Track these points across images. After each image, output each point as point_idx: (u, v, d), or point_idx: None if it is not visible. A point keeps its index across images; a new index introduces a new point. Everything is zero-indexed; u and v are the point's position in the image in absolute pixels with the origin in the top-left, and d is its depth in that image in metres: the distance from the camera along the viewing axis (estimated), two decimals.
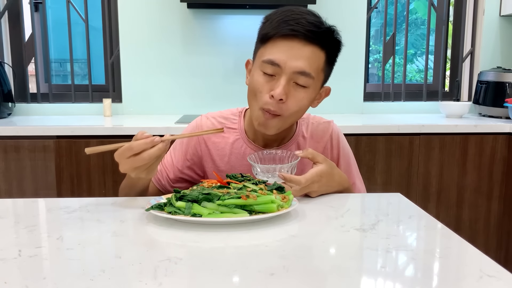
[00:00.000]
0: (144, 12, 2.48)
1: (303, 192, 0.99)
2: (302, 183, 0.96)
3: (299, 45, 0.96)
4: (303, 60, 0.96)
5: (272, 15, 1.00)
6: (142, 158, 0.89)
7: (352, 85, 2.60)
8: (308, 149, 1.02)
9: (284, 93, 0.97)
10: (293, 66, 0.96)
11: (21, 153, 1.99)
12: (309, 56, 0.97)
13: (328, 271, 0.66)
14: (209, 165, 1.15)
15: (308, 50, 0.97)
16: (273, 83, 0.98)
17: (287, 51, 0.96)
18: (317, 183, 0.99)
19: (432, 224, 0.87)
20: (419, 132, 2.11)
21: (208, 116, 1.18)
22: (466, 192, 2.16)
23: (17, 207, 0.99)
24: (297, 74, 0.97)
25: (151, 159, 0.89)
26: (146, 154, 0.88)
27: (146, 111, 2.54)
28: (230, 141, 1.14)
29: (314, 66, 0.98)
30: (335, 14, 2.53)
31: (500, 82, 2.39)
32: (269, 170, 0.98)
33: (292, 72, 0.97)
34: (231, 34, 2.53)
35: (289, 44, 0.96)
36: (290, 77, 0.97)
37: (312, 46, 0.97)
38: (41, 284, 0.61)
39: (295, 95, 0.99)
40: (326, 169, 1.01)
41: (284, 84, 0.97)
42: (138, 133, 0.92)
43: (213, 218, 0.82)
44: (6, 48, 2.54)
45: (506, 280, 0.62)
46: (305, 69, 0.96)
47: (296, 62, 0.96)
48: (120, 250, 0.74)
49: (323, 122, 1.20)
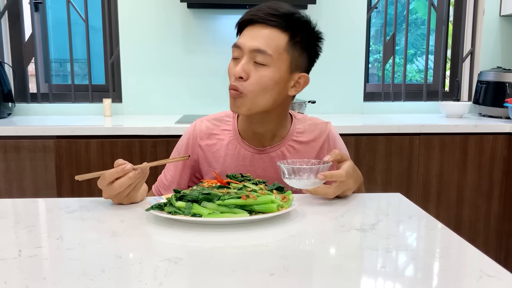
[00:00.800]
0: (144, 12, 2.47)
1: (341, 190, 0.99)
2: (343, 176, 0.97)
3: (259, 28, 1.03)
4: (260, 39, 1.02)
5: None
6: (114, 187, 0.93)
7: (352, 85, 2.60)
8: (335, 151, 1.03)
9: (242, 70, 1.02)
10: (250, 45, 1.02)
11: (21, 153, 1.99)
12: (267, 36, 1.02)
13: (328, 271, 0.66)
14: (205, 168, 1.17)
15: (266, 32, 1.02)
16: (237, 64, 1.04)
17: (247, 35, 1.04)
18: (352, 178, 1.01)
19: (432, 224, 0.87)
20: (419, 132, 2.11)
21: (202, 120, 1.20)
22: (466, 192, 2.16)
23: (17, 207, 0.99)
24: (254, 52, 1.02)
25: (121, 187, 0.93)
26: (117, 184, 0.93)
27: (146, 111, 2.54)
28: (225, 142, 1.15)
29: (273, 45, 1.02)
30: (335, 14, 2.53)
31: (500, 82, 2.39)
32: (299, 170, 0.97)
33: (249, 51, 1.02)
34: (231, 34, 2.50)
35: (251, 29, 1.04)
36: (249, 56, 1.03)
37: (271, 28, 1.02)
38: (41, 284, 0.61)
39: (255, 73, 1.03)
40: (352, 164, 1.03)
41: (243, 63, 1.03)
42: (115, 161, 0.95)
43: (213, 218, 0.82)
44: (6, 48, 2.54)
45: (506, 280, 0.62)
46: (260, 47, 1.01)
47: (253, 41, 1.02)
48: (120, 250, 0.74)
49: (320, 122, 1.20)
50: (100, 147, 2.00)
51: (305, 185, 0.96)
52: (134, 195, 0.97)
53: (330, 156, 1.00)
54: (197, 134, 1.17)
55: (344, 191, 1.00)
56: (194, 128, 1.19)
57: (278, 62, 1.03)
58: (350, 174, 0.99)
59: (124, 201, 0.96)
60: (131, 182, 0.92)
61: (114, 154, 1.99)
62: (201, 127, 1.18)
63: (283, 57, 1.03)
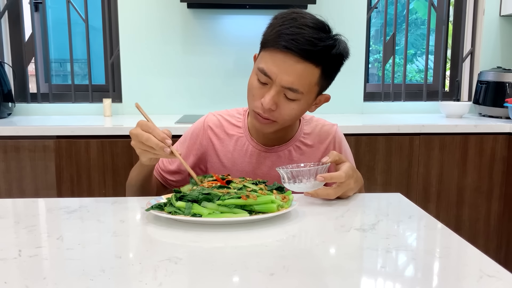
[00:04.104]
0: (144, 12, 2.47)
1: (342, 191, 0.99)
2: (343, 178, 0.97)
3: (292, 61, 0.96)
4: (294, 76, 0.97)
5: (275, 22, 1.00)
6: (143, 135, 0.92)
7: (352, 85, 2.60)
8: (333, 152, 1.03)
9: (272, 103, 0.99)
10: (283, 81, 0.98)
11: (21, 153, 1.99)
12: (301, 73, 0.97)
13: (328, 271, 0.66)
14: (213, 159, 1.18)
15: (301, 67, 0.97)
16: (265, 90, 1.01)
17: (279, 65, 0.97)
18: (352, 178, 1.00)
19: (432, 224, 0.87)
20: (419, 132, 2.11)
21: (215, 114, 1.22)
22: (466, 192, 2.16)
23: (17, 207, 0.99)
24: (286, 89, 0.99)
25: (147, 141, 0.92)
26: (147, 135, 0.92)
27: (146, 111, 2.51)
28: (234, 138, 1.17)
29: (305, 82, 0.99)
30: (335, 14, 2.53)
31: (500, 82, 2.39)
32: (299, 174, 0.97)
33: (281, 86, 0.98)
34: (231, 34, 2.53)
35: (283, 58, 0.97)
36: (279, 90, 0.99)
37: (306, 63, 0.97)
38: (41, 284, 0.61)
39: (285, 106, 1.01)
40: (352, 165, 1.03)
41: (273, 95, 0.99)
42: (165, 129, 0.95)
43: (213, 218, 0.82)
44: (6, 48, 2.54)
45: (506, 280, 0.62)
46: (293, 86, 0.98)
47: (286, 77, 0.97)
48: (120, 250, 0.74)
49: (327, 124, 1.22)
50: (100, 147, 2.00)
51: (305, 188, 0.97)
52: (149, 155, 0.96)
53: (328, 157, 1.01)
54: (208, 125, 1.19)
55: (345, 191, 1.00)
56: (205, 119, 1.21)
57: (308, 96, 1.02)
58: (350, 174, 0.99)
59: (138, 150, 0.96)
60: (155, 147, 0.91)
61: (114, 154, 1.99)
62: (212, 119, 1.20)
63: (313, 90, 1.03)
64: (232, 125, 1.19)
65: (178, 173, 1.19)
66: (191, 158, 1.19)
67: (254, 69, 1.04)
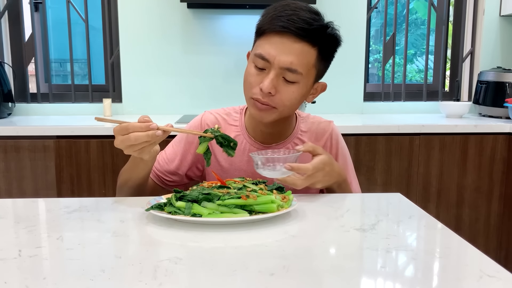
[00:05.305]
0: (144, 12, 2.47)
1: (309, 182, 1.00)
2: (310, 170, 0.98)
3: (289, 42, 0.98)
4: (292, 56, 0.98)
5: (269, 9, 1.03)
6: (129, 138, 0.90)
7: (352, 85, 2.60)
8: (308, 143, 1.04)
9: (272, 86, 1.00)
10: (281, 62, 0.99)
11: (21, 153, 1.99)
12: (299, 52, 0.99)
13: (328, 271, 0.66)
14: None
15: (298, 47, 0.99)
16: (263, 76, 1.01)
17: (277, 47, 0.99)
18: (321, 171, 1.01)
19: (432, 224, 0.87)
20: (419, 132, 2.11)
21: (211, 112, 1.22)
22: (466, 192, 2.16)
23: (17, 207, 0.99)
24: (285, 70, 0.99)
25: (136, 141, 0.90)
26: (133, 136, 0.90)
27: (146, 111, 2.53)
28: (231, 136, 1.15)
29: (304, 62, 1.00)
30: (335, 14, 2.51)
31: (500, 82, 2.39)
32: (270, 160, 0.98)
33: (280, 68, 0.99)
34: (231, 34, 2.53)
35: (280, 40, 0.99)
36: (278, 72, 1.00)
37: (302, 43, 0.99)
38: (41, 284, 0.61)
39: (284, 89, 1.01)
40: (328, 159, 1.03)
41: (272, 78, 0.99)
42: (140, 117, 0.93)
43: (213, 218, 0.82)
44: (6, 48, 2.54)
45: (506, 280, 0.62)
46: (292, 66, 0.99)
47: (284, 58, 0.98)
48: (120, 250, 0.74)
49: (323, 121, 1.22)
50: (100, 147, 1.99)
51: (275, 174, 0.98)
52: (147, 150, 0.94)
53: (303, 146, 1.02)
54: (205, 123, 1.19)
55: (313, 183, 1.01)
56: (202, 117, 1.21)
57: (307, 78, 1.03)
58: (319, 168, 1.00)
59: (135, 153, 0.94)
60: (148, 139, 0.90)
61: (114, 154, 1.99)
62: (209, 118, 1.20)
63: (311, 73, 1.04)
64: (228, 123, 1.19)
65: (176, 173, 1.19)
66: (189, 157, 1.18)
67: (250, 59, 1.05)
